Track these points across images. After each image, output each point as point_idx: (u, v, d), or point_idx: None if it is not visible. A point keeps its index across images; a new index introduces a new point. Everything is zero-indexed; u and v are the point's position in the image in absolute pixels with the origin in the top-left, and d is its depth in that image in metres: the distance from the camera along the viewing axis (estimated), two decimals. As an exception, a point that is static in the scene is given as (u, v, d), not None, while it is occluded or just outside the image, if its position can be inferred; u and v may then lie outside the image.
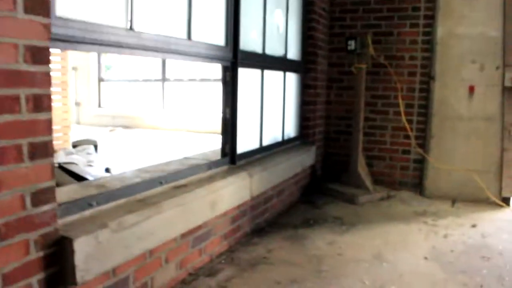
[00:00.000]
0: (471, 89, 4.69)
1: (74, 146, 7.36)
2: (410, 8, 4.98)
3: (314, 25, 4.93)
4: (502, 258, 3.33)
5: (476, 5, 4.67)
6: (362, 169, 4.91)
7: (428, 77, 4.90)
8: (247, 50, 3.70)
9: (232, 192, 3.31)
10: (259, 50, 3.94)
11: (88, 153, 6.99)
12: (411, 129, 5.03)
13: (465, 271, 3.08)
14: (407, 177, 5.15)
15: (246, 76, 3.79)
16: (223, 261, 3.21)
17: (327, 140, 5.51)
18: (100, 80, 11.93)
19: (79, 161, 6.08)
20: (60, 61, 7.86)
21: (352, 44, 4.65)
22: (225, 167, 3.54)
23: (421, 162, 5.04)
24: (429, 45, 4.90)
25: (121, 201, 2.55)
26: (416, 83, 5.01)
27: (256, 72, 3.96)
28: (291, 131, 4.87)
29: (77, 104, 12.02)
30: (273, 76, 4.33)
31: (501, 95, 4.61)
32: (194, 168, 3.22)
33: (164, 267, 2.73)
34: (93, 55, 11.81)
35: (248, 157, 3.87)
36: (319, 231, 3.85)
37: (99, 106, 11.99)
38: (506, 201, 4.68)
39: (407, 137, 5.07)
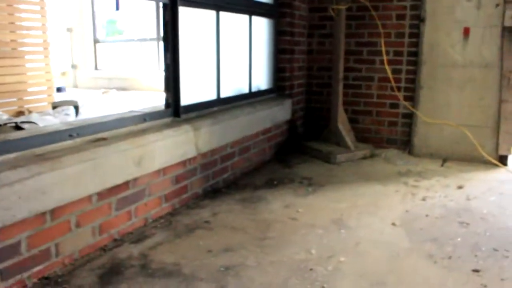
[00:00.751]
0: (466, 32, 4.07)
1: (54, 107, 6.99)
2: None
3: (288, -38, 4.34)
4: (484, 223, 2.83)
5: None
6: (342, 125, 4.40)
7: (419, 20, 4.30)
8: (193, -15, 3.19)
9: (169, 147, 2.88)
10: (211, -14, 3.42)
11: (66, 114, 6.60)
12: (396, 80, 4.48)
13: (435, 239, 2.61)
14: (396, 134, 4.62)
15: (195, 17, 3.29)
16: (158, 226, 2.81)
17: (309, 93, 4.98)
18: (96, 41, 11.47)
19: (52, 122, 5.71)
20: (40, 18, 7.43)
21: (329, -18, 4.08)
22: (166, 120, 3.10)
23: (410, 117, 4.49)
24: (421, -18, 4.28)
25: (11, 155, 2.15)
26: (405, 27, 4.41)
27: (209, 13, 3.44)
28: (262, 83, 4.36)
29: (74, 66, 11.63)
30: (234, 20, 3.81)
31: (500, 38, 3.99)
32: (123, 120, 2.79)
33: (74, 232, 2.34)
34: (87, 15, 11.35)
35: (200, 109, 3.41)
36: (280, 192, 3.40)
37: (96, 68, 11.58)
38: (503, 159, 4.12)
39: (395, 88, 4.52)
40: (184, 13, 3.13)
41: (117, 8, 10.86)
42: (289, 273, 2.23)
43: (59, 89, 10.55)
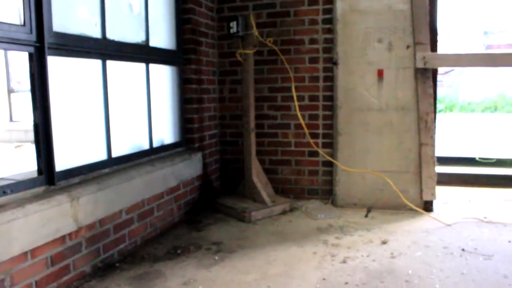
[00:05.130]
0: (380, 74, 3.89)
1: None
2: (307, -19, 4.18)
3: (192, 6, 4.02)
4: (407, 289, 2.50)
5: (380, -27, 3.89)
6: (258, 178, 4.04)
7: (332, 63, 4.09)
8: (69, 32, 2.77)
9: (35, 224, 2.37)
10: (95, 33, 3.01)
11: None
12: (314, 126, 4.23)
13: (352, 316, 2.24)
14: (317, 184, 4.31)
15: (73, 68, 2.86)
16: (22, 324, 2.26)
17: (223, 144, 4.61)
18: (10, 91, 10.71)
19: None
20: None
21: (234, 26, 3.80)
22: (36, 190, 2.59)
23: (331, 165, 4.21)
24: (332, 24, 4.09)
25: None
26: (319, 71, 4.19)
27: (92, 62, 3.02)
28: (167, 136, 3.95)
29: (-15, 119, 10.78)
30: (128, 69, 3.41)
31: (414, 80, 3.83)
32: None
33: None
34: (0, 63, 10.60)
35: (85, 172, 2.93)
36: (182, 264, 2.94)
37: (11, 120, 10.76)
38: (428, 205, 3.89)
39: (313, 135, 4.24)
40: (57, 63, 2.69)
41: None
42: None
43: (-35, 144, 9.69)
